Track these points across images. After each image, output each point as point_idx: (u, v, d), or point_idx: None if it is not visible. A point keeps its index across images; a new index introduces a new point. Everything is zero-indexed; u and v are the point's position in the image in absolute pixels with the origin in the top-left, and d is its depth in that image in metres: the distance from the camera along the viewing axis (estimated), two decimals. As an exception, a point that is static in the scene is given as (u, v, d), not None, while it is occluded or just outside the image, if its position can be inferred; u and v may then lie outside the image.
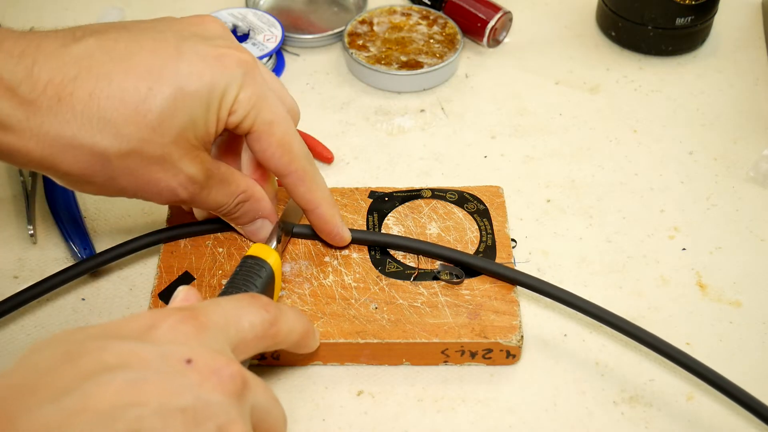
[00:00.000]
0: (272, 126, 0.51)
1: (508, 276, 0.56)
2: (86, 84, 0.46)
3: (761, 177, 0.67)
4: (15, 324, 0.58)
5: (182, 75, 0.47)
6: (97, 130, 0.46)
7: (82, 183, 0.49)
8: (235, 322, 0.42)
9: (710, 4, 0.76)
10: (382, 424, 0.53)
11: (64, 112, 0.45)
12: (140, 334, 0.39)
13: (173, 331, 0.39)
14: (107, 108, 0.46)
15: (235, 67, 0.49)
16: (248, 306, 0.44)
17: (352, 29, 0.78)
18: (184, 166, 0.50)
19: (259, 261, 0.50)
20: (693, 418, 0.53)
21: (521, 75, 0.77)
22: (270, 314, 0.44)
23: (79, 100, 0.46)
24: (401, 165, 0.69)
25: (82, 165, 0.47)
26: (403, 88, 0.75)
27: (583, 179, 0.68)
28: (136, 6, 0.83)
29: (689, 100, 0.75)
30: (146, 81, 0.47)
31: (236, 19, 0.77)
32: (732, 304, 0.59)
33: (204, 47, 0.49)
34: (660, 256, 0.62)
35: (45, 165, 0.47)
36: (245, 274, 0.49)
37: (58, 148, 0.46)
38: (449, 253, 0.58)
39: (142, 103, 0.47)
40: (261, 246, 0.51)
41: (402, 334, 0.54)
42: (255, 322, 0.43)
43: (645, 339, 0.53)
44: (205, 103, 0.48)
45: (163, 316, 0.39)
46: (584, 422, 0.53)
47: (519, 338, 0.54)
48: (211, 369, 0.38)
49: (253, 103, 0.50)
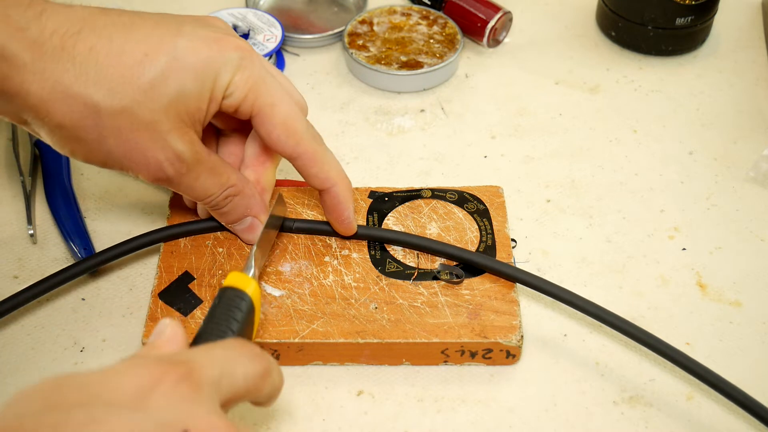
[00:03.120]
0: (274, 108, 0.52)
1: (509, 273, 0.56)
2: (88, 39, 0.48)
3: (761, 177, 0.67)
4: (15, 324, 0.58)
5: (179, 48, 0.49)
6: (92, 82, 0.48)
7: (71, 139, 0.49)
8: (228, 375, 0.40)
9: (710, 4, 0.76)
10: (382, 424, 0.53)
11: (65, 61, 0.47)
12: (135, 400, 0.36)
13: (170, 394, 0.36)
14: (105, 64, 0.48)
15: (231, 50, 0.51)
16: (241, 356, 0.41)
17: (352, 29, 0.78)
18: (172, 139, 0.50)
19: (238, 293, 0.47)
20: (693, 418, 0.53)
21: (521, 75, 0.77)
22: (262, 366, 0.42)
23: (80, 52, 0.47)
24: (401, 165, 0.69)
25: (74, 116, 0.48)
26: (403, 88, 0.75)
27: (583, 179, 0.68)
28: (136, 6, 0.83)
29: (689, 100, 0.75)
30: (144, 47, 0.48)
31: (236, 19, 0.77)
32: (732, 304, 0.59)
33: (204, 31, 0.51)
34: (660, 256, 0.62)
35: (40, 112, 0.48)
36: (225, 307, 0.47)
37: (55, 94, 0.47)
38: (451, 249, 0.58)
39: (137, 65, 0.48)
40: (238, 275, 0.48)
41: (402, 334, 0.54)
42: (249, 374, 0.41)
43: (644, 339, 0.53)
44: (199, 79, 0.49)
45: (159, 375, 0.37)
46: (584, 422, 0.53)
47: (519, 338, 0.54)
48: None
49: (249, 86, 0.51)
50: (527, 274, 0.56)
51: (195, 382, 0.37)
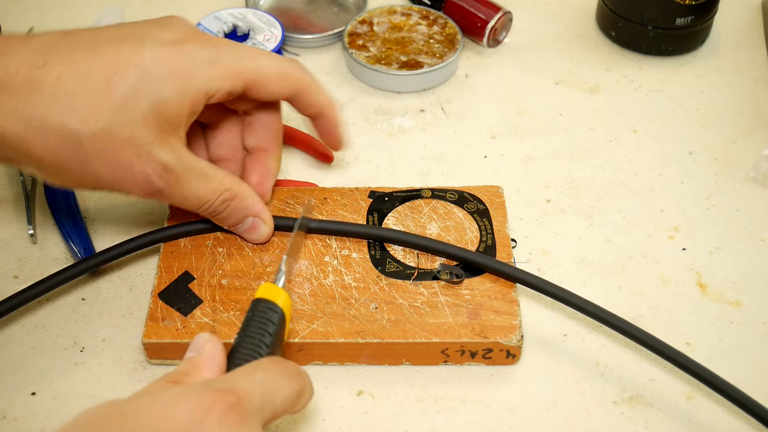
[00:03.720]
0: (260, 70, 0.52)
1: (509, 273, 0.56)
2: (54, 68, 0.47)
3: (761, 177, 0.67)
4: (15, 324, 0.58)
5: (146, 60, 0.49)
6: (65, 111, 0.47)
7: (58, 171, 0.49)
8: (270, 399, 0.42)
9: (710, 4, 0.76)
10: (382, 424, 0.53)
11: (35, 95, 0.47)
12: (187, 429, 0.38)
13: (220, 424, 0.39)
14: (74, 91, 0.47)
15: (197, 50, 0.50)
16: (279, 378, 0.43)
17: (352, 29, 0.78)
18: (156, 151, 0.50)
19: (270, 305, 0.48)
20: (693, 418, 0.53)
21: (521, 75, 0.77)
22: (299, 385, 0.44)
23: (48, 83, 0.47)
24: (401, 165, 0.69)
25: (54, 148, 0.48)
26: (403, 88, 0.75)
27: (583, 179, 0.68)
28: (136, 6, 0.83)
29: (689, 100, 0.75)
30: (111, 65, 0.48)
31: (236, 19, 0.77)
32: (732, 304, 0.59)
33: (167, 35, 0.50)
34: (660, 256, 0.62)
35: (20, 149, 0.48)
36: (259, 321, 0.48)
37: (31, 130, 0.47)
38: (452, 249, 0.58)
39: (106, 85, 0.48)
40: (269, 286, 0.49)
41: (402, 334, 0.54)
42: (287, 396, 0.43)
43: (644, 339, 0.53)
44: (172, 86, 0.49)
45: (209, 406, 0.39)
46: (584, 422, 0.53)
47: (519, 338, 0.54)
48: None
49: (231, 73, 0.51)
50: (527, 274, 0.56)
51: (242, 412, 0.40)
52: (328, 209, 0.61)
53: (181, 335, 0.54)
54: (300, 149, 0.70)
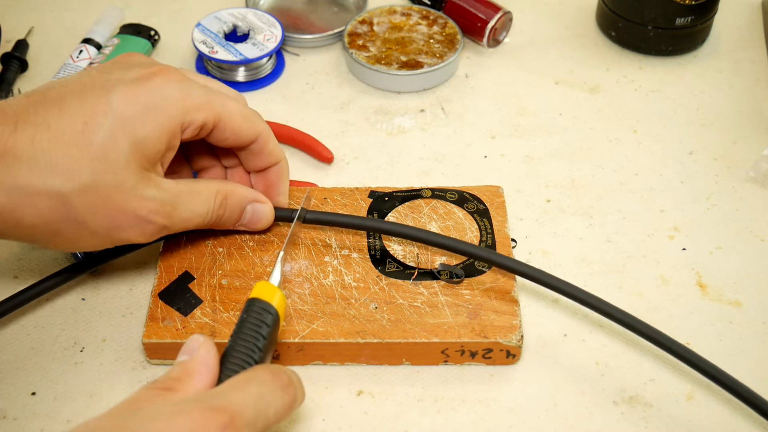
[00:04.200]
0: (228, 108, 0.52)
1: (512, 267, 0.56)
2: (25, 133, 0.46)
3: (761, 177, 0.67)
4: (15, 324, 0.58)
5: (114, 104, 0.48)
6: (47, 173, 0.46)
7: (52, 234, 0.48)
8: (263, 414, 0.42)
9: (710, 4, 0.76)
10: (382, 424, 0.53)
11: (12, 164, 0.46)
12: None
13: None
14: (51, 150, 0.46)
15: (166, 84, 0.50)
16: (272, 391, 0.43)
17: (352, 29, 0.78)
18: (144, 191, 0.49)
19: (264, 305, 0.48)
20: (693, 418, 0.53)
21: (521, 75, 0.77)
22: (290, 395, 0.44)
23: (23, 148, 0.46)
24: (401, 165, 0.69)
25: (44, 212, 0.47)
26: (403, 88, 0.75)
27: (583, 179, 0.68)
28: (136, 6, 0.83)
29: (689, 100, 0.75)
30: (81, 117, 0.47)
31: (236, 19, 0.77)
32: (732, 304, 0.59)
33: (130, 74, 0.49)
34: (660, 256, 0.62)
35: (8, 221, 0.47)
36: (252, 323, 0.48)
37: (15, 200, 0.46)
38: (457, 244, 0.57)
39: (81, 137, 0.47)
40: (265, 285, 0.49)
41: (402, 334, 0.54)
42: (278, 408, 0.43)
43: (647, 333, 0.53)
44: (148, 124, 0.49)
45: (202, 425, 0.39)
46: (584, 422, 0.53)
47: (519, 338, 0.54)
48: None
49: (203, 103, 0.51)
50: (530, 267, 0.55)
51: (236, 428, 0.40)
52: (328, 209, 0.61)
53: (181, 335, 0.54)
54: (300, 149, 0.70)
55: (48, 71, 0.76)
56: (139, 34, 0.77)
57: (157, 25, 0.80)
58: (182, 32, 0.79)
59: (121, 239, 0.50)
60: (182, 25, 0.80)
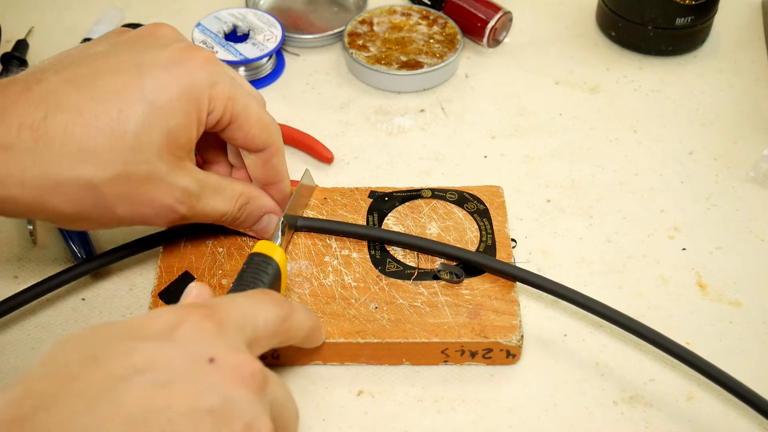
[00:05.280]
0: (248, 108, 0.52)
1: (509, 272, 0.56)
2: (58, 120, 0.45)
3: (761, 177, 0.67)
4: (15, 324, 0.58)
5: (148, 91, 0.47)
6: (79, 161, 0.46)
7: (79, 220, 0.48)
8: (251, 318, 0.42)
9: (710, 4, 0.76)
10: (382, 424, 0.53)
11: (44, 152, 0.45)
12: (164, 334, 0.38)
13: (195, 329, 0.39)
14: (84, 138, 0.46)
15: (198, 69, 0.49)
16: (262, 302, 0.44)
17: (352, 29, 0.78)
18: (174, 179, 0.49)
19: (265, 258, 0.50)
20: (693, 418, 0.53)
21: (521, 75, 0.77)
22: (283, 310, 0.45)
23: (56, 136, 0.45)
24: (401, 165, 0.69)
25: (73, 201, 0.47)
26: (403, 88, 0.75)
27: (583, 179, 0.68)
28: (136, 6, 0.83)
29: (689, 100, 0.75)
30: (114, 104, 0.46)
31: (236, 19, 0.77)
32: (732, 304, 0.59)
33: (163, 57, 0.49)
34: (660, 256, 0.62)
35: (36, 210, 0.47)
36: (253, 271, 0.49)
37: (45, 189, 0.46)
38: (451, 250, 0.57)
39: (116, 127, 0.46)
40: (266, 243, 0.51)
41: (402, 334, 0.54)
42: (269, 319, 0.44)
43: (646, 335, 0.53)
44: (180, 113, 0.48)
45: (185, 315, 0.39)
46: (584, 422, 0.53)
47: (519, 338, 0.54)
48: (233, 367, 0.38)
49: (226, 95, 0.50)
50: (528, 272, 0.56)
51: (218, 321, 0.40)
52: (328, 209, 0.61)
53: (181, 335, 0.54)
54: (300, 149, 0.70)
55: (48, 71, 0.76)
56: (139, 34, 0.77)
57: (157, 25, 0.80)
58: (182, 32, 0.79)
59: (142, 223, 0.51)
60: (182, 25, 0.80)
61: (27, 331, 0.58)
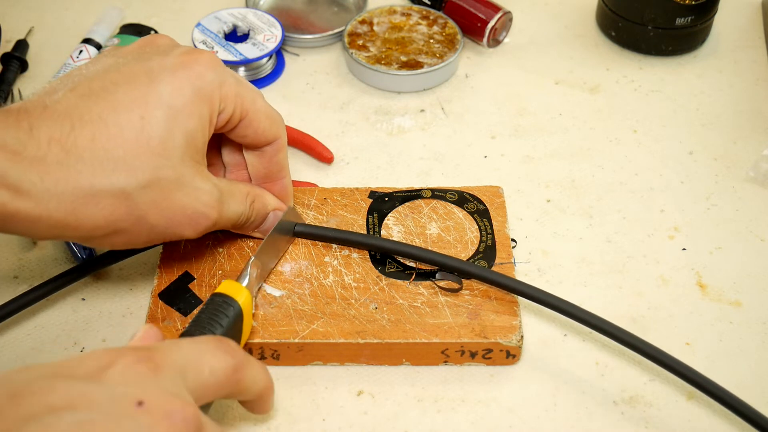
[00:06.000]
0: (255, 103, 0.52)
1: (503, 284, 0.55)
2: (84, 132, 0.45)
3: (761, 177, 0.67)
4: (15, 324, 0.58)
5: (164, 96, 0.47)
6: (110, 171, 0.46)
7: (113, 233, 0.48)
8: (194, 365, 0.41)
9: (710, 4, 0.76)
10: (382, 424, 0.53)
11: (75, 163, 0.45)
12: (91, 375, 0.37)
13: (127, 371, 0.38)
14: (112, 147, 0.46)
15: (206, 70, 0.49)
16: (211, 350, 0.42)
17: (352, 29, 0.78)
18: (200, 184, 0.49)
19: (227, 299, 0.47)
20: (693, 418, 0.53)
21: (521, 75, 0.77)
22: (235, 360, 0.42)
23: (84, 147, 0.45)
24: (401, 165, 0.69)
25: (107, 212, 0.46)
26: (403, 88, 0.75)
27: (583, 179, 0.68)
28: (136, 6, 0.83)
29: (689, 100, 0.75)
30: (136, 111, 0.47)
31: (236, 19, 0.77)
32: (732, 304, 0.59)
33: (169, 62, 0.49)
34: (660, 256, 0.62)
35: (69, 225, 0.46)
36: (211, 312, 0.47)
37: (79, 202, 0.45)
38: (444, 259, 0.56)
39: (141, 133, 0.46)
40: (231, 283, 0.49)
41: (402, 334, 0.54)
42: (216, 367, 0.41)
43: (643, 349, 0.52)
44: (196, 115, 0.48)
45: (116, 356, 0.38)
46: (584, 422, 0.53)
47: (519, 338, 0.54)
48: (163, 412, 0.37)
49: (234, 92, 0.50)
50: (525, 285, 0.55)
51: (155, 364, 0.39)
52: (328, 209, 0.61)
53: (181, 335, 0.54)
54: (300, 149, 0.70)
55: (48, 71, 0.76)
56: (140, 34, 0.77)
57: (157, 25, 0.80)
58: (182, 32, 0.79)
59: (176, 235, 0.50)
60: (182, 25, 0.80)
61: (27, 331, 0.58)
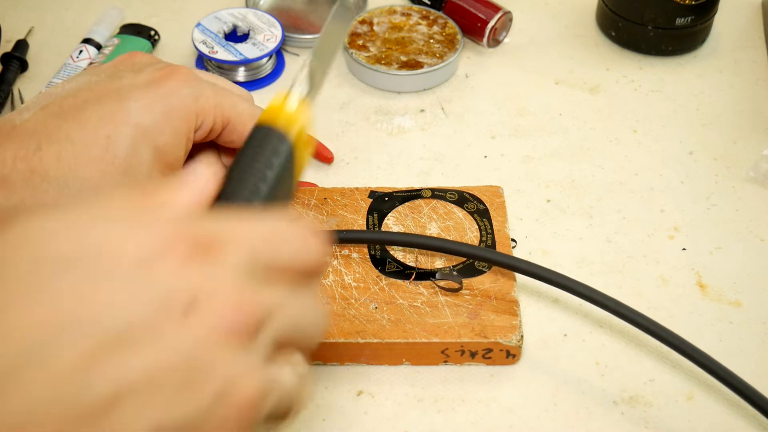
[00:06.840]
0: (236, 107, 0.51)
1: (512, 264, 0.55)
2: (50, 151, 0.45)
3: (761, 177, 0.67)
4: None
5: (133, 114, 0.47)
6: (76, 190, 0.45)
7: None
8: (272, 249, 0.32)
9: (710, 4, 0.76)
10: (382, 424, 0.53)
11: (40, 182, 0.45)
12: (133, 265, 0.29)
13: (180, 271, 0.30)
14: (77, 166, 0.45)
15: (180, 86, 0.49)
16: (290, 230, 0.33)
17: (352, 29, 0.77)
18: None
19: (275, 134, 0.35)
20: (693, 418, 0.53)
21: (521, 75, 0.77)
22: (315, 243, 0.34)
23: (50, 166, 0.45)
24: (401, 165, 0.69)
25: None
26: (403, 88, 0.75)
27: (583, 179, 0.68)
28: (136, 6, 0.83)
29: (689, 100, 0.75)
30: (102, 130, 0.46)
31: (236, 19, 0.77)
32: (732, 304, 0.59)
33: (141, 79, 0.49)
34: (660, 256, 0.62)
35: None
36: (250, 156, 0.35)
37: None
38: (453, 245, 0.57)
39: (105, 152, 0.46)
40: (276, 108, 0.37)
41: (402, 334, 0.54)
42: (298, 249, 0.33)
43: (647, 326, 0.52)
44: (169, 131, 0.48)
45: (166, 243, 0.30)
46: (584, 422, 0.53)
47: (519, 338, 0.54)
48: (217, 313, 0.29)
49: (212, 104, 0.50)
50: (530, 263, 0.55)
51: (215, 257, 0.30)
52: (328, 209, 0.61)
53: (181, 335, 0.54)
54: (300, 149, 0.70)
55: (48, 71, 0.76)
56: (139, 34, 0.78)
57: (157, 25, 0.80)
58: (182, 32, 0.79)
59: None
60: (182, 25, 0.80)
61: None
